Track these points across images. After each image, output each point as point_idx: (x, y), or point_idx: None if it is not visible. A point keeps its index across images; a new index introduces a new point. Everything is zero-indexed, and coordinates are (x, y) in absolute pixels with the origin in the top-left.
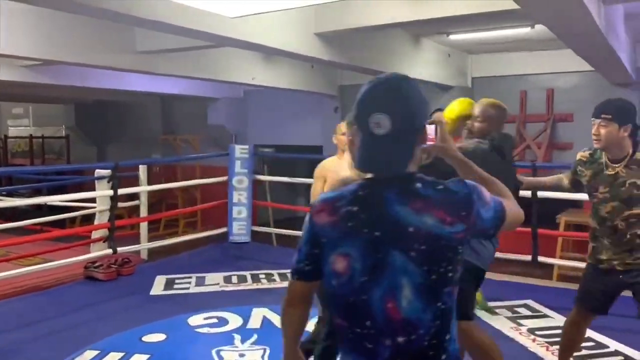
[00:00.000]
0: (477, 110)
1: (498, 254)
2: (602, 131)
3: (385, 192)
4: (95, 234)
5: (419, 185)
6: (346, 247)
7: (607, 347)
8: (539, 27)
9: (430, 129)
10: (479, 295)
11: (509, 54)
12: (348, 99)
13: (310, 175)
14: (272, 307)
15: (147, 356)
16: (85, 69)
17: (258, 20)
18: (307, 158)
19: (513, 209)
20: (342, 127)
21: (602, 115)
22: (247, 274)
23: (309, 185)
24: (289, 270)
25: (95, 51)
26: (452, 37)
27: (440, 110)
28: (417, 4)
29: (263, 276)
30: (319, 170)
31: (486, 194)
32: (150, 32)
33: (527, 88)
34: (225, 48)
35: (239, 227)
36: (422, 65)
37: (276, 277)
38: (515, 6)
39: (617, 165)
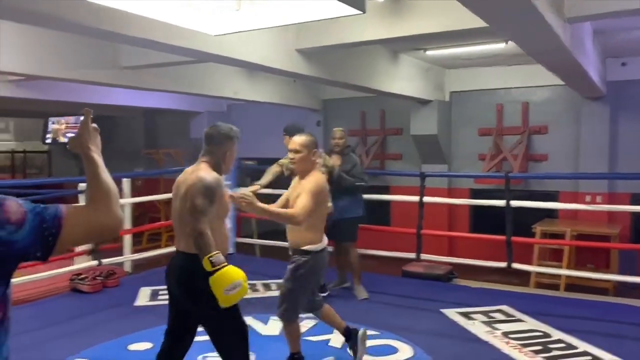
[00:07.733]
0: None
1: (474, 262)
2: None
3: None
4: (80, 247)
5: None
6: None
7: (576, 347)
8: (513, 43)
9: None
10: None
11: (485, 69)
12: (331, 112)
13: None
14: (256, 316)
15: None
16: (68, 84)
17: (240, 37)
18: None
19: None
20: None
21: None
22: None
23: None
24: (271, 281)
25: (82, 67)
26: (429, 52)
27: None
28: (392, 22)
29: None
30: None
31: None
32: (135, 48)
33: (503, 101)
34: (208, 63)
35: None
36: (401, 80)
37: (259, 287)
38: (486, 24)
39: None
